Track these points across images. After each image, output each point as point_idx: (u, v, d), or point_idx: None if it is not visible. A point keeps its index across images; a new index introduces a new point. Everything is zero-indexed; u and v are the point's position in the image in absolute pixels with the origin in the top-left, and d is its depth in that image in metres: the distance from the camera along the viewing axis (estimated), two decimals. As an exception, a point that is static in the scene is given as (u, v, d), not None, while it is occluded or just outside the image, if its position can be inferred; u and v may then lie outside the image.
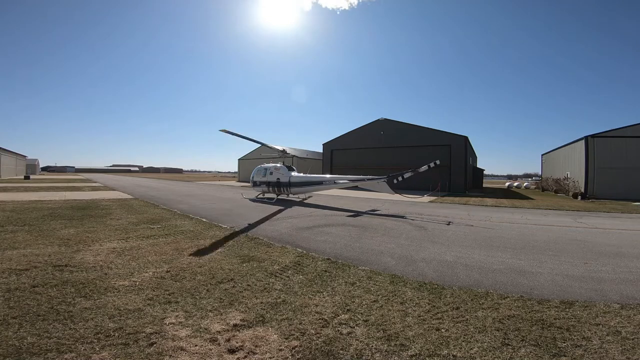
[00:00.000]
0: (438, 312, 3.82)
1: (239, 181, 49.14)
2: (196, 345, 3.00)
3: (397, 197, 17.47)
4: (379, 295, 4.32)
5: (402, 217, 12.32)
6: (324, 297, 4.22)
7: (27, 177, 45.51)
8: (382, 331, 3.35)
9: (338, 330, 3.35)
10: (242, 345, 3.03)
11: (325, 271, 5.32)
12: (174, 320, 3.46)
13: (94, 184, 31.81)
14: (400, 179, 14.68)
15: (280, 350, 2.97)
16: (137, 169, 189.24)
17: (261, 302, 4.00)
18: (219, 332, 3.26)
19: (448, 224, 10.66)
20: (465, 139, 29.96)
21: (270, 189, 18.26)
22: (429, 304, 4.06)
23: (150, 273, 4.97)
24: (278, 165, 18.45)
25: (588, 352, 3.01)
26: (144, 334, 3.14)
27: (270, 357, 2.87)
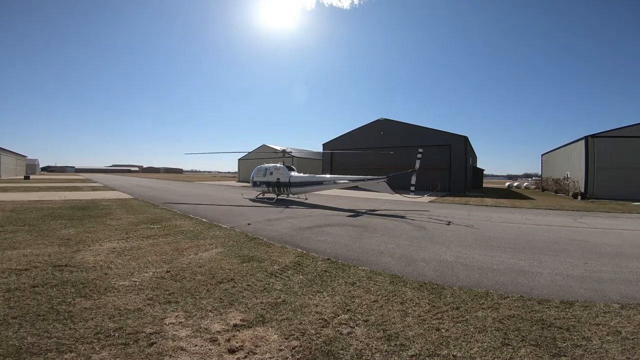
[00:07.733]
0: (438, 312, 3.82)
1: (239, 181, 49.13)
2: (196, 345, 3.00)
3: (397, 197, 17.47)
4: (379, 295, 4.32)
5: (402, 217, 12.33)
6: (324, 297, 4.22)
7: (27, 177, 45.45)
8: (382, 331, 3.35)
9: (338, 330, 3.35)
10: (242, 345, 3.03)
11: (325, 271, 5.31)
12: (174, 320, 3.46)
13: (93, 184, 31.81)
14: (413, 183, 14.09)
15: (281, 350, 2.97)
16: (137, 169, 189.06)
17: (261, 302, 4.00)
18: (219, 332, 3.26)
19: (448, 224, 10.67)
20: (465, 139, 29.98)
21: (270, 189, 18.26)
22: (429, 304, 4.06)
23: (150, 273, 4.97)
24: (278, 165, 18.44)
25: (588, 352, 3.01)
26: (144, 334, 3.14)
27: (270, 357, 2.87)
